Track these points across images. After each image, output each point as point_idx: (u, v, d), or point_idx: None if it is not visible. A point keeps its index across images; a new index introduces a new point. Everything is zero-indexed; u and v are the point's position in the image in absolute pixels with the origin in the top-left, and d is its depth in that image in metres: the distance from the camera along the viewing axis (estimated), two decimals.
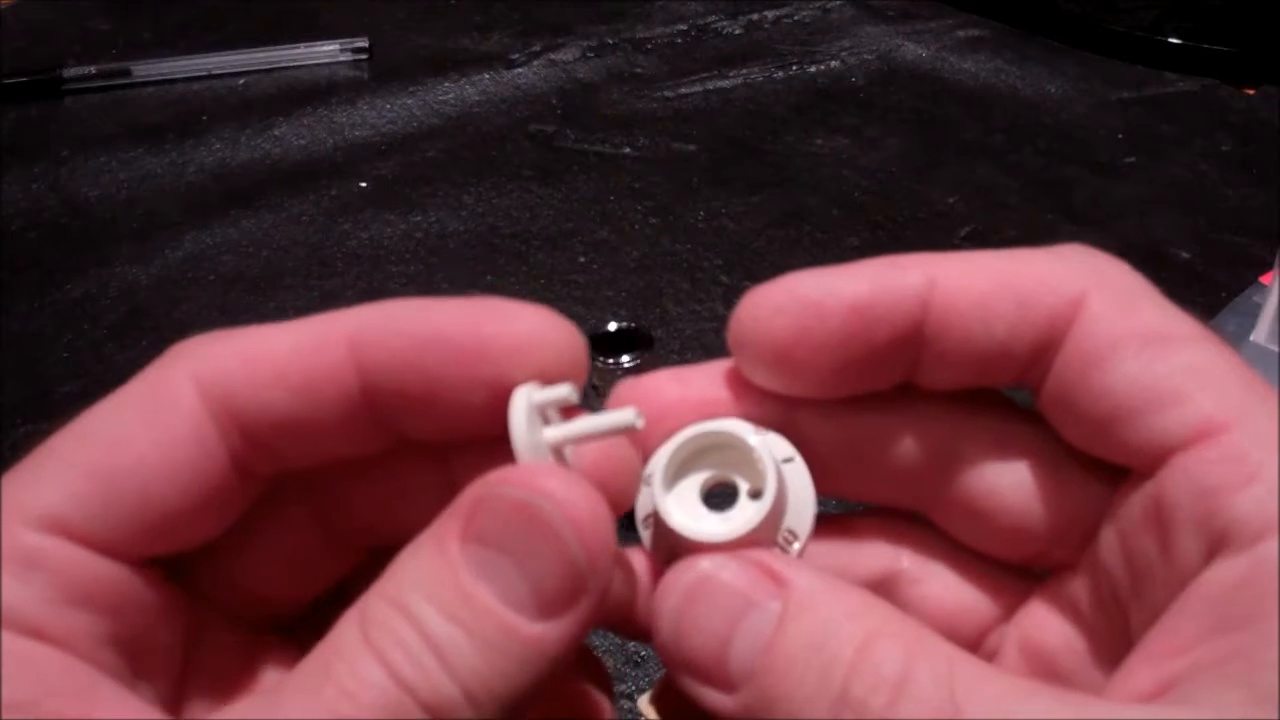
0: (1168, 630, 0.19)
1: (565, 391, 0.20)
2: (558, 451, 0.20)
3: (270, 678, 0.22)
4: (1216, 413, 0.19)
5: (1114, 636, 0.21)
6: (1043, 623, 0.23)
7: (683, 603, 0.20)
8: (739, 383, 0.23)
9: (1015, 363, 0.22)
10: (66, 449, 0.20)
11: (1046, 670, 0.23)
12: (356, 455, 0.21)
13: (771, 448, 0.22)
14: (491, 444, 0.20)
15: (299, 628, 0.23)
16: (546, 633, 0.18)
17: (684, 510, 0.22)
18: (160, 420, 0.20)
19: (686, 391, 0.23)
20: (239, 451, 0.20)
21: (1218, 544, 0.19)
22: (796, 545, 0.22)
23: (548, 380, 0.20)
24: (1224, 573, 0.18)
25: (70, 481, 0.19)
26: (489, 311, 0.20)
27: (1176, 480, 0.19)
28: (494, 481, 0.19)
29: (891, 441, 0.23)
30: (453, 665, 0.18)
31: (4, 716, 0.17)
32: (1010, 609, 0.24)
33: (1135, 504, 0.21)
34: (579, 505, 0.18)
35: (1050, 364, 0.21)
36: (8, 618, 0.18)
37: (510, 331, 0.20)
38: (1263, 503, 0.18)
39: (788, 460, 0.22)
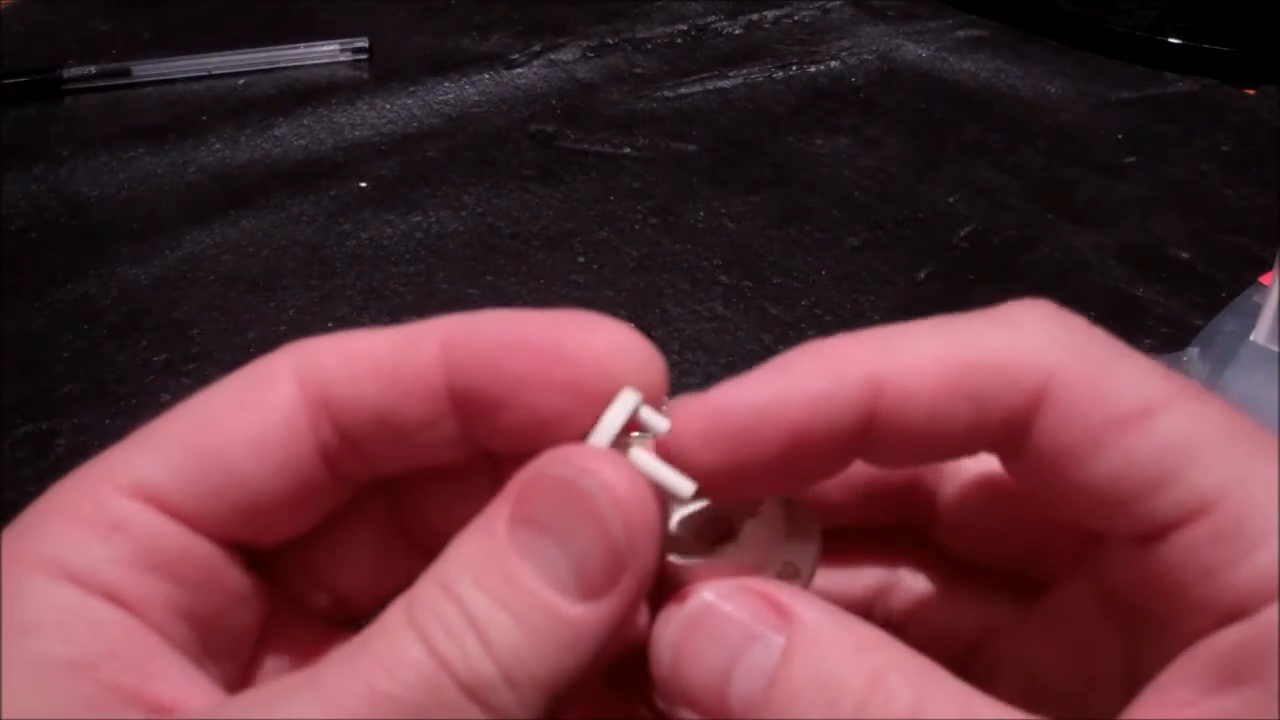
0: (1170, 685, 0.19)
1: (661, 425, 0.20)
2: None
3: None
4: (1210, 488, 0.19)
5: (1114, 657, 0.21)
6: (1042, 640, 0.23)
7: (682, 633, 0.20)
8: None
9: (974, 449, 0.21)
10: (167, 425, 0.20)
11: (1044, 691, 0.22)
12: (438, 462, 0.21)
13: None
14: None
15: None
16: (587, 614, 0.18)
17: (680, 538, 0.22)
18: (256, 404, 0.20)
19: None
20: (330, 445, 0.20)
21: (1224, 616, 0.18)
22: (799, 579, 0.21)
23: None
24: (1230, 635, 0.18)
25: (164, 453, 0.20)
26: (573, 321, 0.21)
27: (1176, 557, 0.19)
28: (543, 461, 0.19)
29: (880, 472, 0.23)
30: (492, 645, 0.18)
31: (59, 675, 0.18)
32: (1008, 622, 0.23)
33: (1137, 556, 0.20)
34: (622, 485, 0.19)
35: (1020, 447, 0.20)
36: (82, 576, 0.18)
37: (592, 341, 0.20)
38: (1265, 571, 0.18)
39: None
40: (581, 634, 0.18)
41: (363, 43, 0.75)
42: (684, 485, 0.19)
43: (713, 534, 0.22)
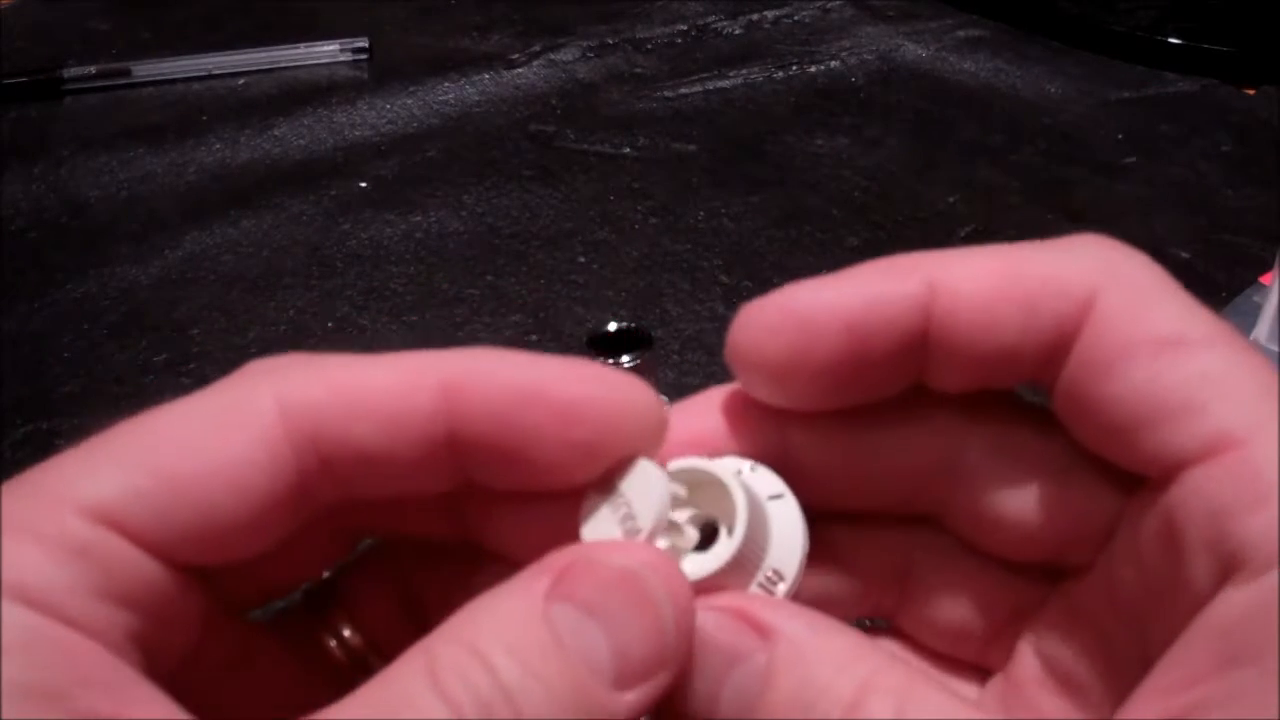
0: (1176, 662, 0.18)
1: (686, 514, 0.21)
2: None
3: (263, 665, 0.22)
4: (1230, 427, 0.19)
5: (1130, 646, 0.21)
6: (1058, 629, 0.23)
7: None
8: (734, 412, 0.23)
9: (1024, 366, 0.21)
10: (129, 445, 0.19)
11: (1063, 679, 0.22)
12: (422, 493, 0.21)
13: (758, 484, 0.22)
14: (550, 496, 0.21)
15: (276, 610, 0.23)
16: (619, 701, 0.18)
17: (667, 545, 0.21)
18: (237, 436, 0.19)
19: (680, 426, 0.23)
20: (309, 478, 0.20)
21: (1228, 567, 0.18)
22: (782, 586, 0.21)
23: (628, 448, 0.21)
24: (1233, 603, 0.18)
25: (131, 478, 0.19)
26: (587, 377, 0.20)
27: (1187, 497, 0.19)
28: (595, 549, 0.19)
29: (894, 458, 0.23)
30: (523, 717, 0.17)
31: (31, 705, 0.17)
32: (1024, 610, 0.23)
33: (1148, 515, 0.20)
34: (679, 582, 0.19)
35: (1063, 365, 0.21)
36: (41, 601, 0.18)
37: (608, 400, 0.20)
38: (1274, 529, 0.18)
39: (775, 497, 0.22)
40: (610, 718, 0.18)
41: (363, 43, 0.75)
42: (721, 580, 0.20)
43: (698, 537, 0.22)
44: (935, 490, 0.23)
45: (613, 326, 0.46)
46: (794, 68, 0.74)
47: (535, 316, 0.57)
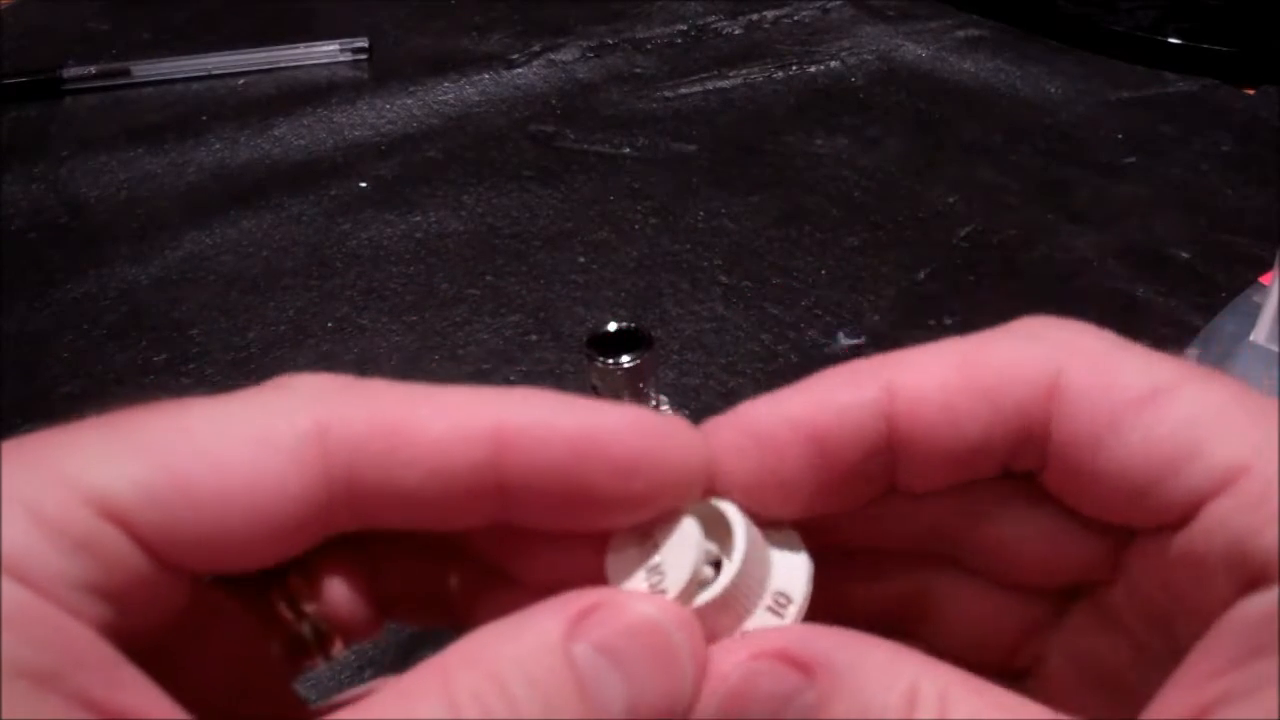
0: (1199, 659, 0.19)
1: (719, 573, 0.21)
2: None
3: (216, 627, 0.22)
4: (1233, 458, 0.19)
5: (1159, 645, 0.21)
6: (1087, 631, 0.23)
7: (723, 716, 0.20)
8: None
9: (995, 458, 0.21)
10: (151, 439, 0.18)
11: (1095, 679, 0.22)
12: (451, 530, 0.21)
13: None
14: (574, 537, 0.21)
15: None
16: None
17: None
18: (269, 457, 0.19)
19: None
20: (335, 506, 0.19)
21: (1251, 581, 0.19)
22: (792, 609, 0.21)
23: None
24: (1253, 604, 0.18)
25: (148, 477, 0.18)
26: (649, 429, 0.20)
27: (1207, 530, 0.19)
28: (623, 596, 0.19)
29: (901, 512, 0.23)
30: None
31: (25, 684, 0.16)
32: (1053, 613, 0.23)
33: (1167, 547, 0.20)
34: (700, 641, 0.19)
35: (1042, 450, 0.21)
36: (41, 586, 0.17)
37: (667, 452, 0.20)
38: None
39: (774, 523, 0.22)
40: None
41: (363, 43, 0.75)
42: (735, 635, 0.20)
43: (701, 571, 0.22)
44: (947, 535, 0.23)
45: (613, 326, 0.46)
46: (794, 68, 0.74)
47: (535, 316, 0.57)
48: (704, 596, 0.20)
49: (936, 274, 0.59)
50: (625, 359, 0.45)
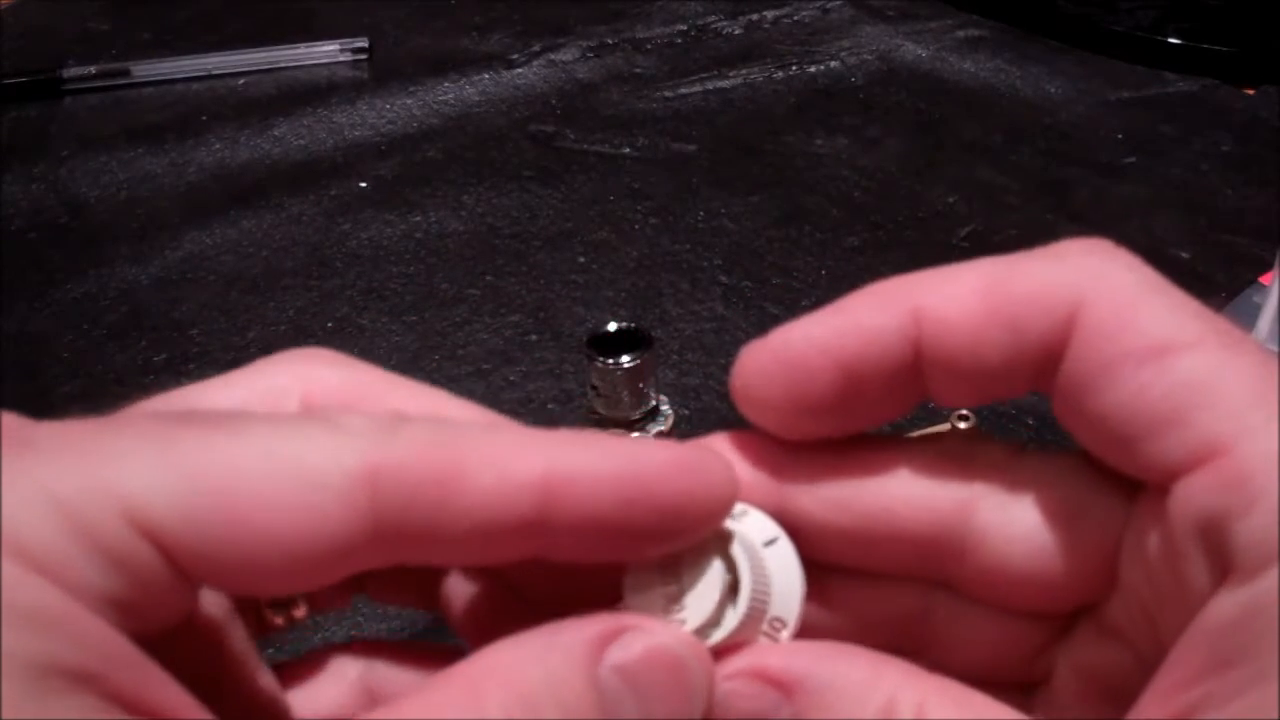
0: (1174, 665, 0.18)
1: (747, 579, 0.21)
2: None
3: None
4: (1216, 434, 0.18)
5: (1152, 651, 0.21)
6: (1090, 645, 0.22)
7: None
8: (733, 455, 0.23)
9: (1019, 382, 0.21)
10: (194, 459, 0.18)
11: (1102, 691, 0.22)
12: (485, 565, 0.21)
13: (752, 530, 0.22)
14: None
15: None
16: None
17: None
18: (317, 501, 0.18)
19: None
20: (374, 547, 0.19)
21: (1223, 571, 0.18)
22: (785, 634, 0.21)
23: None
24: (1224, 606, 0.18)
25: (189, 501, 0.18)
26: (691, 468, 0.20)
27: (1180, 506, 0.19)
28: (646, 623, 0.20)
29: (894, 514, 0.22)
30: None
31: (59, 681, 0.16)
32: (1058, 630, 0.23)
33: (1150, 523, 0.20)
34: (711, 672, 0.20)
35: (1054, 377, 0.21)
36: (80, 593, 0.17)
37: (706, 491, 0.20)
38: (1264, 532, 0.18)
39: (770, 542, 0.22)
40: None
41: (363, 43, 0.75)
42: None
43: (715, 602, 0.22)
44: (942, 557, 0.23)
45: (613, 326, 0.46)
46: (794, 68, 0.74)
47: (535, 316, 0.57)
48: (716, 636, 0.21)
49: None
50: (625, 359, 0.45)
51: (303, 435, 0.19)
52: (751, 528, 0.22)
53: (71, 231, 0.63)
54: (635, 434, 0.46)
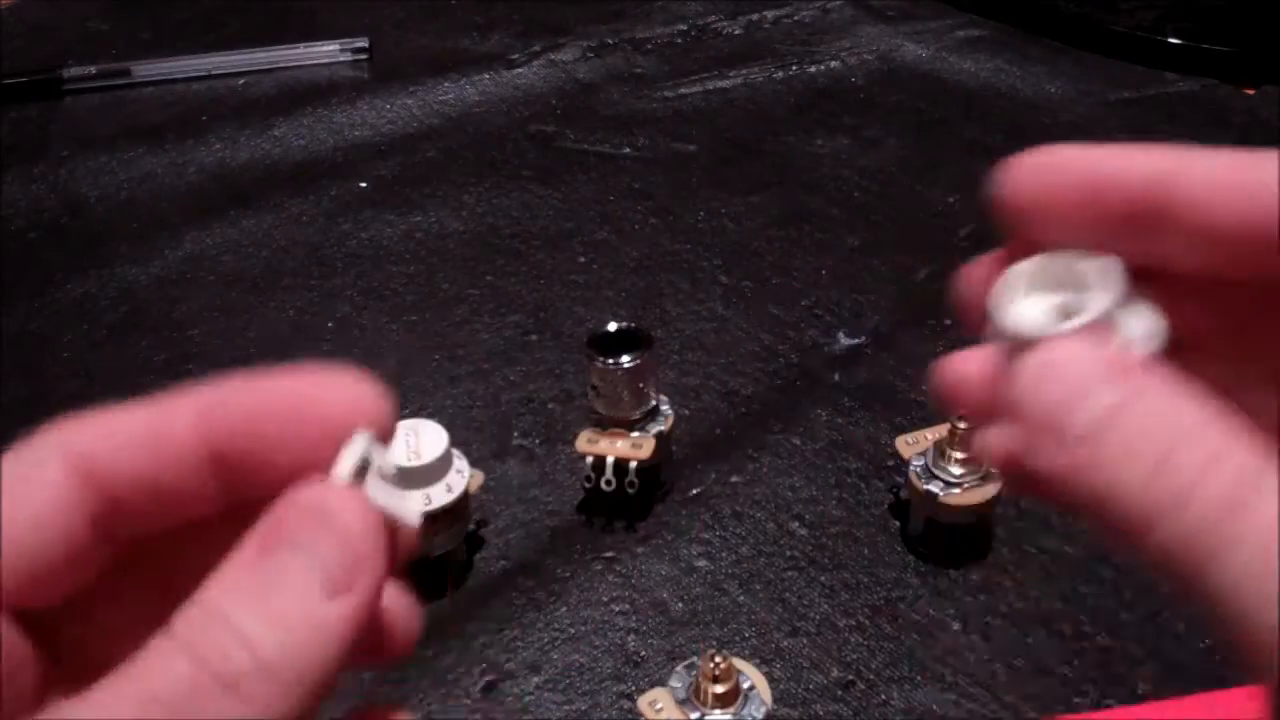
0: None
1: (386, 460, 0.23)
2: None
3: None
4: None
5: None
6: None
7: (1036, 372, 0.22)
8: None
9: (1255, 259, 0.22)
10: None
11: None
12: (199, 516, 0.23)
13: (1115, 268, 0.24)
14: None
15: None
16: (333, 609, 0.21)
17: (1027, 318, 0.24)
18: (29, 488, 0.22)
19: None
20: (98, 514, 0.22)
21: None
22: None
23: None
24: None
25: None
26: (311, 382, 0.24)
27: None
28: (293, 493, 0.22)
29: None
30: (250, 643, 0.20)
31: None
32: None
33: None
34: (357, 505, 0.22)
35: None
36: None
37: (330, 398, 0.23)
38: None
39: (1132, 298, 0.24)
40: (330, 627, 0.21)
41: (363, 43, 0.75)
42: (409, 512, 0.23)
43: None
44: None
45: (613, 326, 0.46)
46: (794, 68, 0.74)
47: (535, 316, 0.57)
48: (1059, 330, 0.23)
49: (936, 274, 0.59)
50: (625, 359, 0.45)
51: (20, 463, 0.23)
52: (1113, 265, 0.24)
53: (71, 231, 0.63)
54: (634, 434, 0.46)
